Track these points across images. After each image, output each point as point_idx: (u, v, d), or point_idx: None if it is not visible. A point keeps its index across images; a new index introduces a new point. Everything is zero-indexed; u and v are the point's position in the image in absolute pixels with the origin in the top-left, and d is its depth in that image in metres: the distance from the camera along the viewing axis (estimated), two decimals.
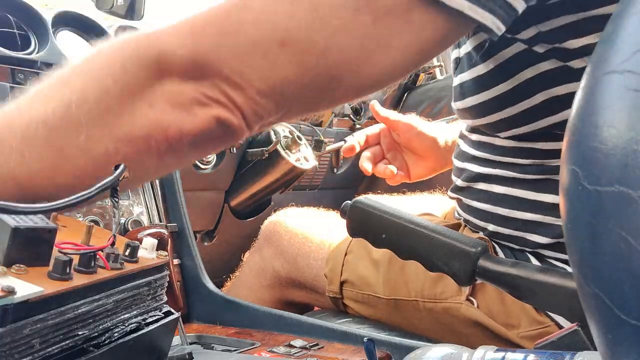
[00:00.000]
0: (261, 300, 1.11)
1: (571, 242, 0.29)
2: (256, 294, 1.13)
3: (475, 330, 0.84)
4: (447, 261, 0.60)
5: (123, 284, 0.54)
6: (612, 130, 0.25)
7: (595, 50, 0.29)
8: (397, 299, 0.92)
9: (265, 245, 1.14)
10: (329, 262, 1.02)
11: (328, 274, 1.02)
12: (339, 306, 1.02)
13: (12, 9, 1.06)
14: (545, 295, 0.55)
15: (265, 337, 0.91)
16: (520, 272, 0.56)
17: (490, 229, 0.83)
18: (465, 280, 0.59)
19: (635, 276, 0.24)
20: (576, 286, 0.29)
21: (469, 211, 0.87)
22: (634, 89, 0.25)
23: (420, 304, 0.90)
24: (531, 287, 0.55)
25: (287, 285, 1.11)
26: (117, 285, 0.53)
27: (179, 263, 1.10)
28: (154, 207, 1.12)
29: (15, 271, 0.45)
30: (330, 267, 1.01)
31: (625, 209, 0.24)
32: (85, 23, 1.15)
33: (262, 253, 1.14)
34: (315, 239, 1.07)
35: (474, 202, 0.85)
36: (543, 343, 0.55)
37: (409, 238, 0.63)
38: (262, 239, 1.16)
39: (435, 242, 0.61)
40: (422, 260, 0.63)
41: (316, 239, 1.07)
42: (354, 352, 0.82)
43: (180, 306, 0.86)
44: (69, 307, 0.47)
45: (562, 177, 0.30)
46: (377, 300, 0.95)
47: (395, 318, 0.94)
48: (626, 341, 0.25)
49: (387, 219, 0.65)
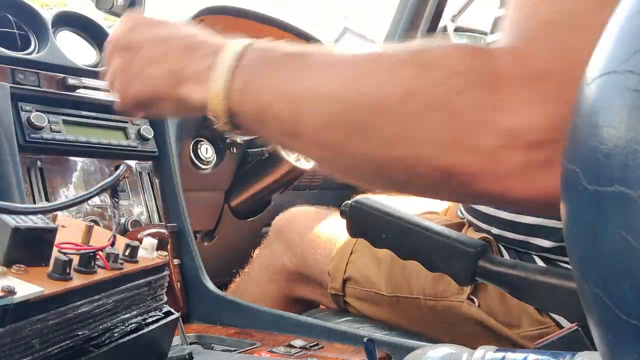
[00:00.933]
0: (268, 295, 1.12)
1: (571, 242, 0.29)
2: (264, 289, 1.14)
3: (476, 329, 0.84)
4: (447, 261, 0.60)
5: (123, 284, 0.54)
6: (612, 130, 0.25)
7: (596, 50, 0.29)
8: (399, 296, 0.92)
9: (275, 241, 1.15)
10: (333, 260, 1.03)
11: (331, 272, 1.02)
12: (339, 304, 1.02)
13: (12, 8, 1.06)
14: (545, 296, 0.55)
15: (265, 337, 0.91)
16: (521, 272, 0.56)
17: (494, 232, 0.83)
18: (466, 281, 0.59)
19: (636, 276, 0.24)
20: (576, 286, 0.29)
21: (471, 212, 0.87)
22: (634, 89, 0.25)
23: (422, 301, 0.90)
24: (531, 288, 0.55)
25: (294, 280, 1.11)
26: (117, 285, 0.53)
27: (179, 263, 1.10)
28: (154, 207, 1.12)
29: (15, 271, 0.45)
30: (334, 265, 1.02)
31: (626, 209, 0.24)
32: (85, 23, 1.15)
33: (272, 248, 1.15)
34: (324, 235, 1.08)
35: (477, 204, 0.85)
36: (543, 343, 0.55)
37: (409, 238, 0.63)
38: (272, 235, 1.17)
39: (435, 242, 0.61)
40: (423, 261, 0.62)
41: (324, 236, 1.08)
42: (354, 352, 0.82)
43: (180, 306, 0.86)
44: (69, 307, 0.47)
45: (562, 177, 0.30)
46: (380, 298, 0.95)
47: (396, 316, 0.94)
48: (626, 341, 0.25)
49: (387, 219, 0.65)
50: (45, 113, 0.99)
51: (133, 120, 1.13)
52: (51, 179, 0.98)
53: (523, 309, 0.81)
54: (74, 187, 1.01)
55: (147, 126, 1.14)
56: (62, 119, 1.02)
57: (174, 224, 1.11)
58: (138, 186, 1.11)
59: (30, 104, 0.99)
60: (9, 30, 1.04)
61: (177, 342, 0.88)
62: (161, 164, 1.15)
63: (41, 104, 1.00)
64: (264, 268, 1.15)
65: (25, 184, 0.93)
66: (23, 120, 0.96)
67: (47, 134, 0.98)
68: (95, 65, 1.12)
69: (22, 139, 0.95)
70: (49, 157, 0.99)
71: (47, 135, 0.98)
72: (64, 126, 1.02)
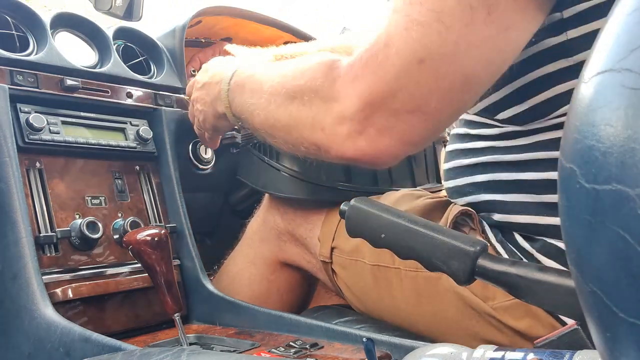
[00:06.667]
0: (260, 256, 1.15)
1: (569, 241, 0.29)
2: (256, 249, 1.16)
3: (453, 301, 0.85)
4: (446, 260, 0.60)
5: None
6: (610, 128, 0.25)
7: (593, 48, 0.29)
8: (381, 265, 0.93)
9: (267, 204, 1.17)
10: (324, 227, 1.04)
11: (321, 238, 1.03)
12: (328, 272, 1.03)
13: (10, 10, 1.06)
14: (544, 294, 0.55)
15: (265, 338, 0.91)
16: (520, 271, 0.56)
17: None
18: (465, 280, 0.59)
19: (633, 274, 0.24)
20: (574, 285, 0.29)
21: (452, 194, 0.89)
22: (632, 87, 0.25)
23: (402, 272, 0.90)
24: (530, 286, 0.55)
25: (284, 240, 1.13)
26: None
27: (179, 264, 1.10)
28: (153, 208, 1.12)
29: None
30: (324, 231, 1.03)
31: (623, 207, 0.24)
32: (83, 24, 1.15)
33: (264, 210, 1.17)
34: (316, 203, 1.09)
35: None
36: (543, 342, 0.55)
37: (408, 238, 0.63)
38: (266, 200, 1.18)
39: (434, 241, 0.61)
40: (422, 260, 0.62)
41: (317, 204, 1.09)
42: (354, 352, 0.82)
43: (180, 306, 0.86)
44: None
45: (560, 175, 0.30)
46: (362, 267, 0.96)
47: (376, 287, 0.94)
48: (624, 339, 0.25)
49: (386, 218, 0.65)
50: (44, 114, 0.99)
51: (132, 121, 1.13)
52: (50, 180, 0.98)
53: None
54: (74, 188, 1.01)
55: (146, 127, 1.14)
56: (60, 120, 1.02)
57: (173, 224, 1.11)
58: (137, 187, 1.11)
59: (29, 105, 0.99)
60: (7, 31, 1.04)
61: (177, 342, 0.88)
62: (160, 165, 1.15)
63: (40, 105, 1.00)
64: (254, 229, 1.17)
65: (25, 185, 0.94)
66: (22, 122, 0.96)
67: (46, 135, 0.98)
68: (93, 66, 1.12)
69: (21, 140, 0.95)
70: (48, 158, 1.00)
71: (46, 136, 0.98)
72: (62, 127, 1.02)
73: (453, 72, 0.62)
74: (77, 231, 0.96)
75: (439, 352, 0.57)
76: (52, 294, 0.90)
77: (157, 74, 1.23)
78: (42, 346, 0.84)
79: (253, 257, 1.15)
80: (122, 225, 1.02)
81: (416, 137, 0.68)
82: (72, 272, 0.95)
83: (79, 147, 1.03)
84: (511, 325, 0.80)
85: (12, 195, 0.90)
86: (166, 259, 0.85)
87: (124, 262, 1.02)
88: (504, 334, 0.81)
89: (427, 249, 0.61)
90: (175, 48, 1.26)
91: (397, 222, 0.64)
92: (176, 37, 1.27)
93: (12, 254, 0.89)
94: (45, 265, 0.92)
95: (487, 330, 0.82)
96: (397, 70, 0.63)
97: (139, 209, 1.09)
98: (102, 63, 1.14)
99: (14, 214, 0.90)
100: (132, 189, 1.09)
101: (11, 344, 0.87)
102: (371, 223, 0.66)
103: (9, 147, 0.92)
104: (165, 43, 1.27)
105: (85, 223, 0.96)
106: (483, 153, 0.82)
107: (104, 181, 1.06)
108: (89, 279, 0.96)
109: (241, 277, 1.16)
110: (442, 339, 0.86)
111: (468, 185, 0.85)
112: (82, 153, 1.04)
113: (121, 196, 1.07)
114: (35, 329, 0.85)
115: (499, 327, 0.81)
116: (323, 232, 1.04)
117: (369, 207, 0.67)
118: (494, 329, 0.82)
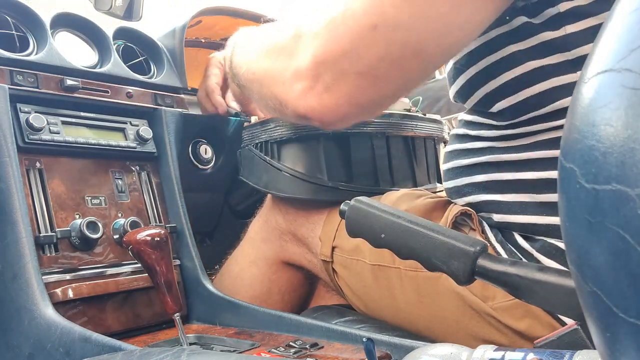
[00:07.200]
0: (262, 255, 1.15)
1: (569, 241, 0.29)
2: (258, 248, 1.16)
3: (453, 301, 0.85)
4: (446, 261, 0.60)
5: None
6: (610, 128, 0.25)
7: (593, 48, 0.29)
8: (381, 265, 0.93)
9: (269, 204, 1.17)
10: (325, 226, 1.04)
11: (322, 237, 1.03)
12: (329, 271, 1.03)
13: (10, 10, 1.06)
14: (545, 294, 0.55)
15: (265, 338, 0.91)
16: (520, 271, 0.56)
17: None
18: (465, 280, 0.59)
19: (633, 274, 0.24)
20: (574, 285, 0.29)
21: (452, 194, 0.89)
22: (631, 87, 0.25)
23: (402, 272, 0.90)
24: (531, 286, 0.55)
25: (286, 240, 1.13)
26: None
27: (179, 264, 1.10)
28: (153, 208, 1.12)
29: None
30: (325, 231, 1.03)
31: (623, 207, 0.24)
32: (83, 24, 1.15)
33: (266, 210, 1.17)
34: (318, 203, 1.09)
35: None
36: (543, 342, 0.55)
37: (408, 238, 0.63)
38: (268, 200, 1.18)
39: (434, 241, 0.61)
40: (422, 260, 0.62)
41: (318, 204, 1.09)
42: (354, 352, 0.82)
43: (180, 306, 0.86)
44: None
45: (560, 175, 0.30)
46: (363, 266, 0.96)
47: (377, 286, 0.95)
48: (624, 339, 0.25)
49: (386, 218, 0.65)
50: (44, 114, 0.99)
51: (132, 121, 1.13)
52: (50, 180, 0.98)
53: None
54: (74, 188, 1.01)
55: (145, 127, 1.14)
56: (60, 120, 1.02)
57: (173, 224, 1.11)
58: (137, 187, 1.11)
59: (29, 105, 0.99)
60: (7, 31, 1.04)
61: (177, 342, 0.88)
62: (160, 165, 1.15)
63: (40, 105, 1.00)
64: (256, 229, 1.18)
65: (25, 185, 0.94)
66: (22, 122, 0.96)
67: (46, 135, 0.98)
68: (93, 66, 1.12)
69: (21, 140, 0.95)
70: (48, 158, 0.99)
71: (46, 136, 0.98)
72: (62, 127, 1.02)
73: (405, 42, 0.64)
74: (77, 231, 0.96)
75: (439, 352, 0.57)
76: (52, 294, 0.90)
77: (157, 74, 1.23)
78: (42, 346, 0.84)
79: (255, 257, 1.16)
80: (122, 225, 1.02)
81: (363, 98, 0.69)
82: (72, 272, 0.95)
83: (79, 147, 1.03)
84: (511, 326, 0.80)
85: (12, 195, 0.90)
86: (166, 259, 0.85)
87: (124, 262, 1.02)
88: (503, 334, 0.81)
89: (427, 249, 0.61)
90: (175, 48, 1.26)
91: (397, 222, 0.64)
92: (176, 37, 1.27)
93: (12, 254, 0.89)
94: (45, 265, 0.92)
95: (487, 330, 0.82)
96: (350, 32, 0.65)
97: (139, 209, 1.09)
98: (102, 63, 1.14)
99: (14, 214, 0.90)
100: (132, 189, 1.09)
101: (11, 344, 0.87)
102: (371, 223, 0.66)
103: (9, 147, 0.92)
104: (165, 43, 1.27)
105: (85, 223, 0.96)
106: (482, 153, 0.82)
107: (104, 181, 1.06)
108: (89, 279, 0.96)
109: (243, 277, 1.16)
110: (442, 339, 0.86)
111: (467, 185, 0.85)
112: (82, 153, 1.04)
113: (121, 196, 1.07)
114: (35, 329, 0.85)
115: (498, 327, 0.81)
116: (324, 232, 1.04)
117: (369, 207, 0.66)
118: (493, 329, 0.82)
